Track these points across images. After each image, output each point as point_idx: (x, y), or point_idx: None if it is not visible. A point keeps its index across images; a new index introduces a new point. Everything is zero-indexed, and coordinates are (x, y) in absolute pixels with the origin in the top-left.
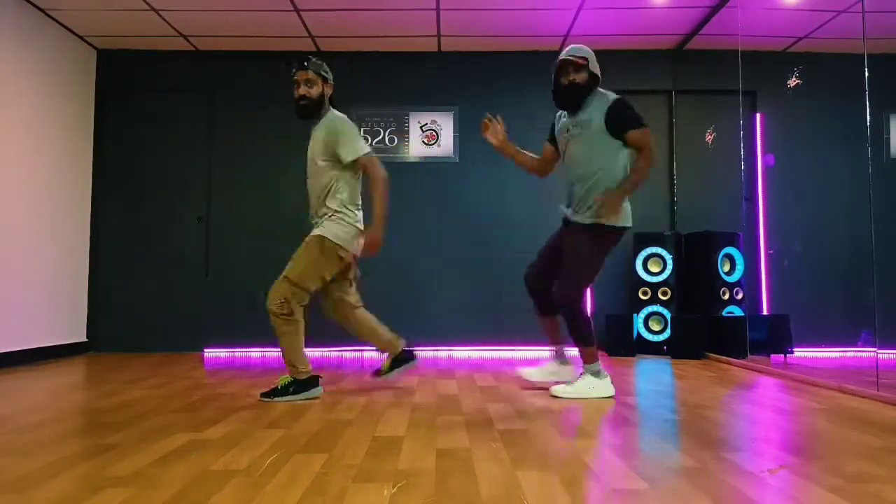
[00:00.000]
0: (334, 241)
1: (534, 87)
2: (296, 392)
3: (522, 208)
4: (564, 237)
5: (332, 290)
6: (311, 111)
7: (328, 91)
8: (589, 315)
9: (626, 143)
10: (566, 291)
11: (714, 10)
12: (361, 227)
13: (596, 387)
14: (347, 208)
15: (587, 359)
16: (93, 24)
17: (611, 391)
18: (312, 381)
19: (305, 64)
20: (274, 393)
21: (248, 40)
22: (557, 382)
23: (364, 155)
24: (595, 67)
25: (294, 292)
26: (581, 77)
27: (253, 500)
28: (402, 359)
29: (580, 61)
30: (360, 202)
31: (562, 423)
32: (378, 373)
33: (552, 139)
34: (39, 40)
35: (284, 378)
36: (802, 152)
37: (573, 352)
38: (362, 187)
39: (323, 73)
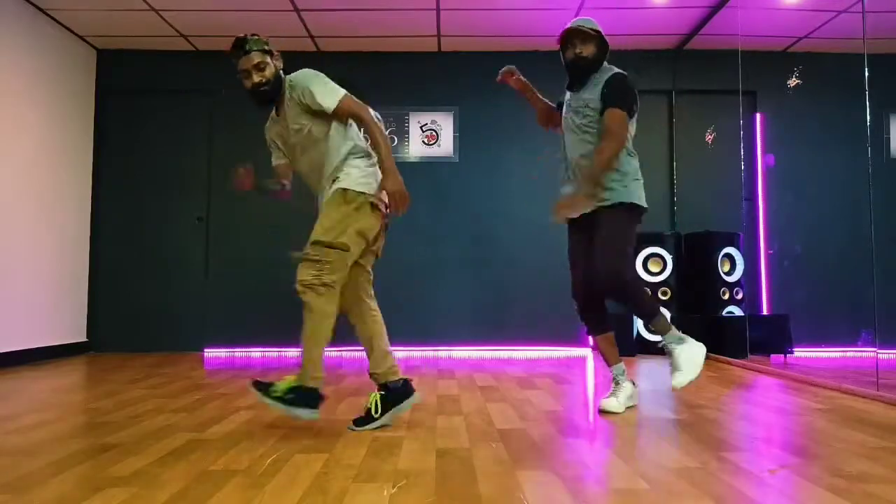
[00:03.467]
0: (359, 189)
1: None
2: (293, 404)
3: (522, 208)
4: (595, 222)
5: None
6: (274, 94)
7: (279, 64)
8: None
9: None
10: (612, 266)
11: (714, 10)
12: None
13: (692, 351)
14: (359, 158)
15: (665, 328)
16: (93, 24)
17: (703, 347)
18: (315, 396)
19: (246, 48)
20: (270, 393)
21: None
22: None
23: (346, 97)
24: (604, 41)
25: (332, 255)
26: (588, 50)
27: (253, 500)
28: (397, 394)
29: (590, 32)
30: (371, 153)
31: (562, 423)
32: (361, 421)
33: (560, 105)
34: (39, 40)
35: (289, 380)
36: (802, 152)
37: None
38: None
39: (267, 48)
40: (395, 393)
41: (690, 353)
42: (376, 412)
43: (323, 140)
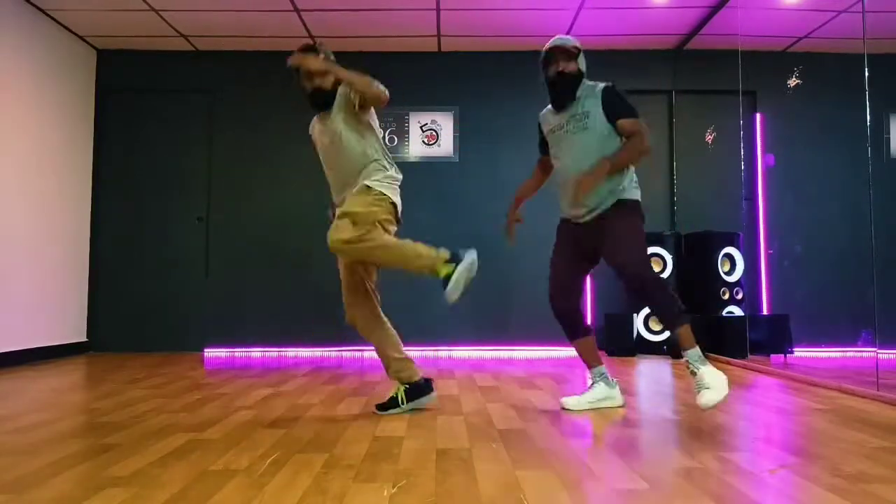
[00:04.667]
0: (381, 189)
1: (534, 86)
2: (412, 399)
3: (522, 208)
4: (601, 227)
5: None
6: (329, 102)
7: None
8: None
9: (617, 131)
10: (637, 266)
11: (714, 10)
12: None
13: (716, 373)
14: (385, 167)
15: (688, 342)
16: (93, 24)
17: (726, 383)
18: (424, 384)
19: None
20: (388, 405)
21: (248, 40)
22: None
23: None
24: (582, 60)
25: (363, 226)
26: (571, 67)
27: (253, 500)
28: (419, 390)
29: (572, 50)
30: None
31: (562, 423)
32: (384, 406)
33: (543, 149)
34: (39, 40)
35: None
36: (802, 152)
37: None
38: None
39: (332, 59)
40: (417, 388)
41: (715, 374)
42: (402, 402)
43: (358, 149)
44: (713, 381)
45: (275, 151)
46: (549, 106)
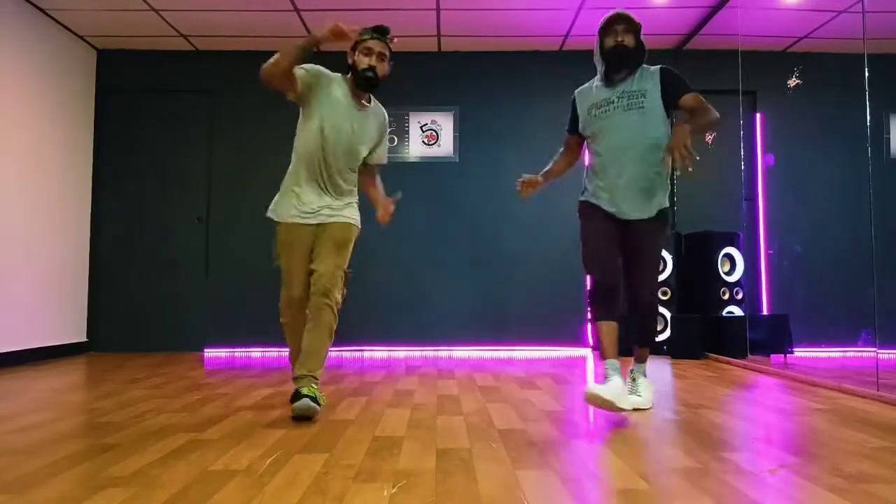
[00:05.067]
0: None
1: (534, 87)
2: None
3: (522, 208)
4: (637, 232)
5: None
6: (375, 88)
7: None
8: None
9: (676, 108)
10: (655, 295)
11: (714, 10)
12: None
13: (651, 388)
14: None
15: (646, 358)
16: (93, 24)
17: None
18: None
19: (387, 36)
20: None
21: (248, 40)
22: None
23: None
24: (642, 40)
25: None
26: (629, 40)
27: (253, 500)
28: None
29: (635, 22)
30: None
31: (562, 423)
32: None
33: (573, 127)
34: (39, 40)
35: (313, 389)
36: (802, 152)
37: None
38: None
39: (391, 52)
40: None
41: (649, 390)
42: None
43: (355, 166)
44: (646, 393)
45: (275, 151)
46: (593, 81)
